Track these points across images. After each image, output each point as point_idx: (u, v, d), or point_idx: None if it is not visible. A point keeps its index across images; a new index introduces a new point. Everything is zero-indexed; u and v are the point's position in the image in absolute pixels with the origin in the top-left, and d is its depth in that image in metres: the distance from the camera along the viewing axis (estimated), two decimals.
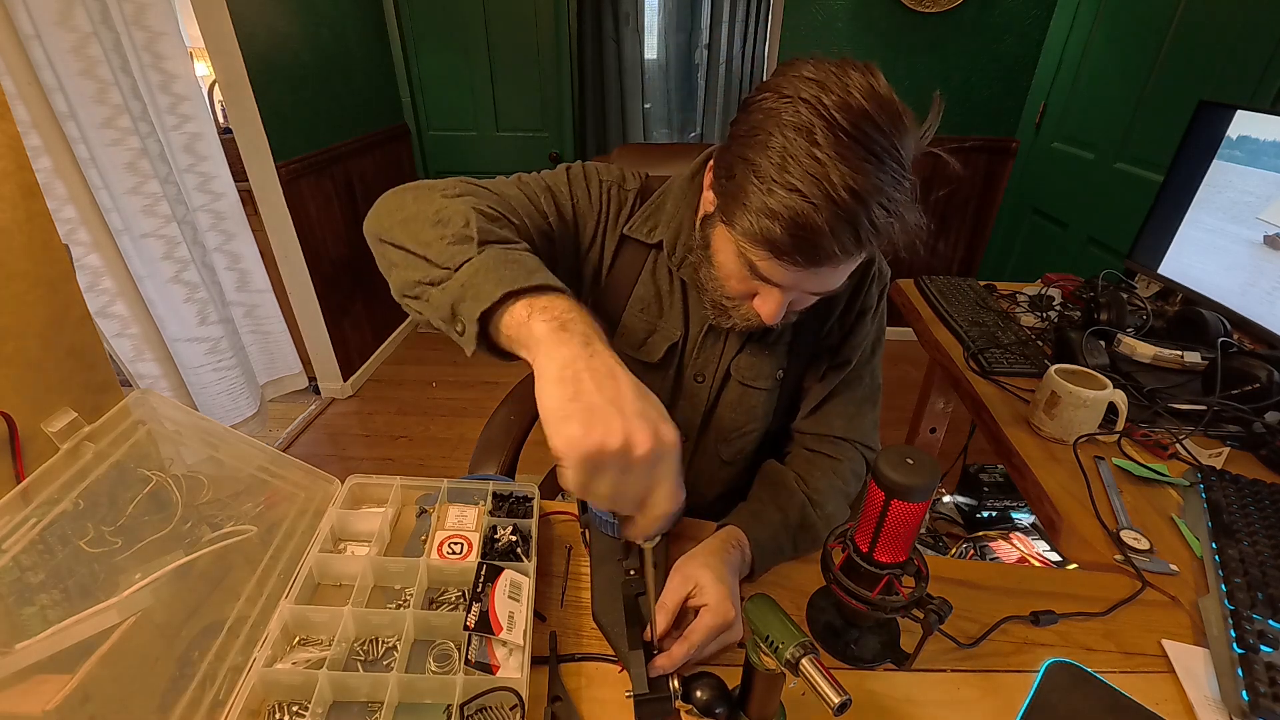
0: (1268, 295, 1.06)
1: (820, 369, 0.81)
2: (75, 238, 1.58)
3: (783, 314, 0.62)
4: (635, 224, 0.74)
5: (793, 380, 0.81)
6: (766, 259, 0.55)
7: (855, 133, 0.50)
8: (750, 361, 0.77)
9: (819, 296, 0.63)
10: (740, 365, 0.77)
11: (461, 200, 0.58)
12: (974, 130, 2.59)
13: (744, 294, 0.63)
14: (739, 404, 0.79)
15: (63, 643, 0.51)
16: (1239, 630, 0.61)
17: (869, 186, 0.50)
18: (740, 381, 0.78)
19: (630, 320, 0.77)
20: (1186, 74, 1.72)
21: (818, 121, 0.50)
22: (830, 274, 0.57)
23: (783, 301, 0.60)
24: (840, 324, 0.79)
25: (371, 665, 0.59)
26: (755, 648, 0.48)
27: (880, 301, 0.80)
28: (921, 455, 0.49)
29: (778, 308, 0.61)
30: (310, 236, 2.28)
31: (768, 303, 0.61)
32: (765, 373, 0.78)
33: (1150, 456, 0.89)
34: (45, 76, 1.42)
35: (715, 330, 0.76)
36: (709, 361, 0.77)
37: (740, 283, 0.62)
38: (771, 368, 0.78)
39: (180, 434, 0.70)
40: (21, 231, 0.72)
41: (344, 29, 2.45)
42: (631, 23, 2.72)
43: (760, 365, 0.77)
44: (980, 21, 2.40)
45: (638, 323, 0.77)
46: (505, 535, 0.69)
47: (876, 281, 0.78)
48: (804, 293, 0.61)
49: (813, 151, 0.50)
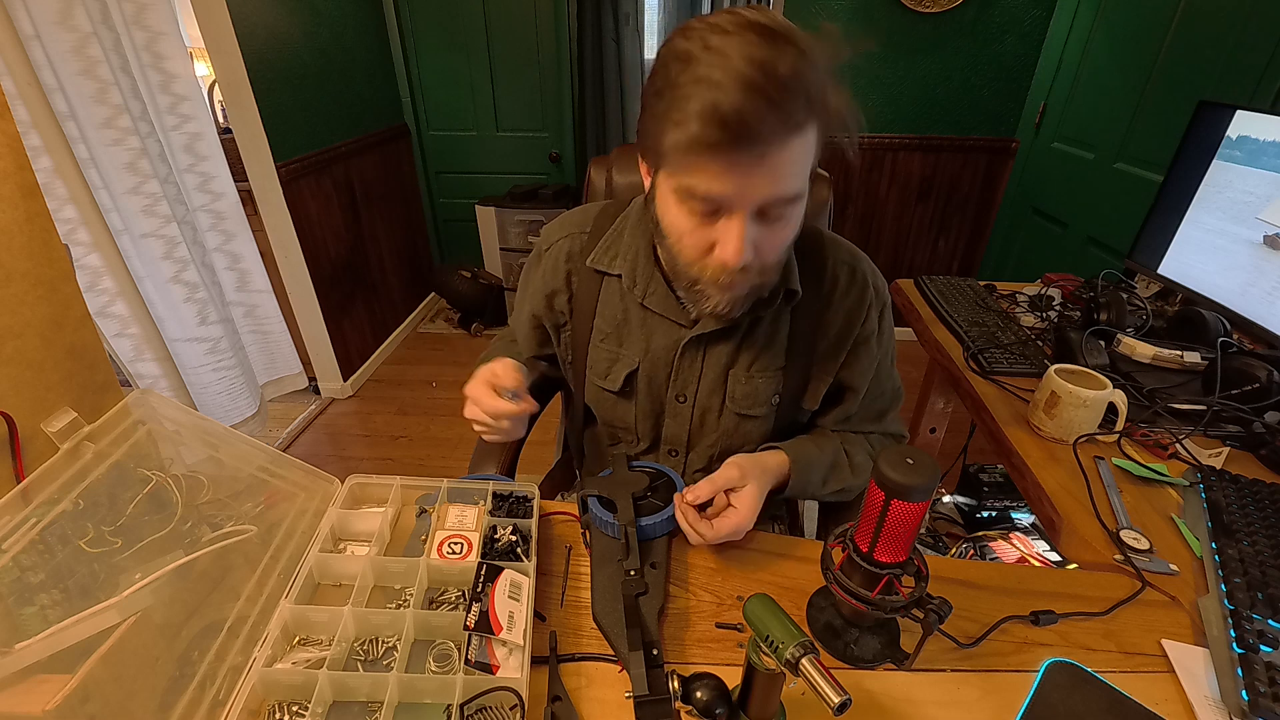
0: (1268, 295, 1.06)
1: (821, 393, 0.80)
2: (75, 238, 1.58)
3: (750, 251, 0.57)
4: (597, 255, 0.77)
5: (789, 402, 0.80)
6: (701, 167, 0.53)
7: (746, 24, 0.51)
8: (745, 391, 0.77)
9: (778, 213, 0.58)
10: (735, 396, 0.77)
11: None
12: (974, 130, 2.59)
13: (703, 247, 0.60)
14: (735, 431, 0.80)
15: (63, 643, 0.51)
16: (1239, 630, 0.61)
17: (770, 55, 0.50)
18: (737, 413, 0.78)
19: (594, 351, 0.81)
20: (1186, 74, 1.72)
21: (708, 33, 0.52)
22: (773, 166, 0.53)
23: (742, 230, 0.56)
24: (836, 347, 0.78)
25: (371, 665, 0.59)
26: (755, 648, 0.48)
27: (882, 322, 0.79)
28: (921, 455, 0.49)
29: (739, 238, 0.56)
30: (310, 236, 2.28)
31: (728, 237, 0.57)
32: (761, 400, 0.78)
33: (1150, 456, 0.89)
34: (45, 76, 1.42)
35: (692, 349, 0.76)
36: (689, 381, 0.78)
37: (694, 233, 0.59)
38: (767, 394, 0.78)
39: (180, 434, 0.70)
40: (21, 231, 0.72)
41: (344, 29, 2.45)
42: (631, 23, 2.72)
43: (756, 394, 0.77)
44: (980, 21, 2.41)
45: (599, 353, 0.81)
46: (505, 535, 0.69)
47: (874, 305, 0.77)
48: (757, 203, 0.56)
49: (707, 47, 0.51)
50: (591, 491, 0.73)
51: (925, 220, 2.83)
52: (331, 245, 2.44)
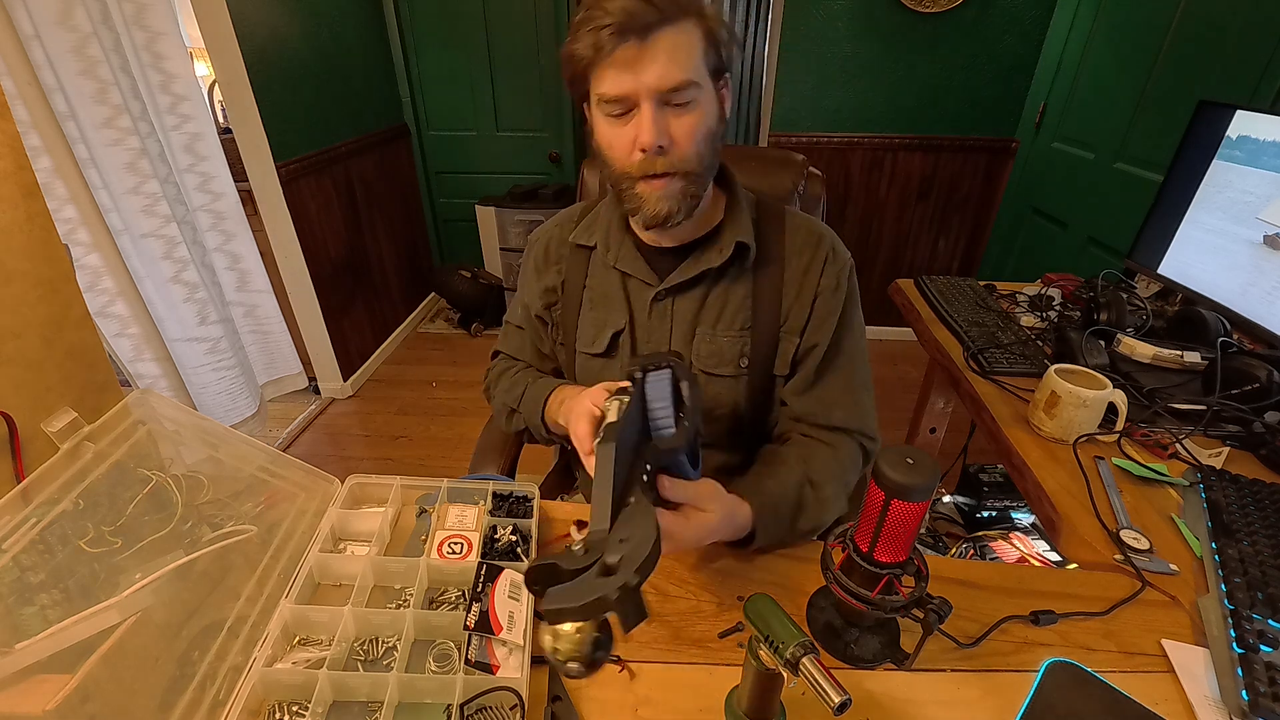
0: (1268, 295, 1.06)
1: (790, 355, 0.80)
2: (75, 238, 1.58)
3: (662, 134, 0.65)
4: (578, 233, 0.85)
5: (760, 369, 0.80)
6: (603, 74, 0.64)
7: None
8: (710, 349, 0.80)
9: (680, 99, 0.66)
10: (701, 354, 0.80)
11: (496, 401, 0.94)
12: (974, 130, 2.59)
13: (628, 146, 0.68)
14: (704, 392, 0.81)
15: (63, 643, 0.51)
16: (1239, 630, 0.61)
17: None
18: (704, 371, 0.80)
19: (583, 322, 0.85)
20: (1186, 74, 1.72)
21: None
22: (657, 55, 0.63)
23: (650, 115, 0.65)
24: (799, 307, 0.79)
25: (371, 665, 0.59)
26: (755, 648, 0.48)
27: (841, 284, 0.80)
28: (921, 455, 0.49)
29: (649, 120, 0.65)
30: (310, 236, 2.28)
31: (642, 126, 0.65)
32: (727, 359, 0.79)
33: (1150, 456, 0.89)
34: (45, 76, 1.42)
35: (659, 310, 0.80)
36: (660, 341, 0.81)
37: (619, 137, 0.68)
38: (733, 354, 0.79)
39: (180, 434, 0.70)
40: (21, 231, 0.72)
41: (344, 29, 2.45)
42: None
43: (721, 352, 0.79)
44: (980, 21, 2.41)
45: (588, 323, 0.85)
46: (505, 535, 0.69)
47: (830, 263, 0.79)
48: (654, 90, 0.64)
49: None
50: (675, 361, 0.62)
51: (925, 220, 2.83)
52: (331, 245, 2.44)
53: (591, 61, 0.65)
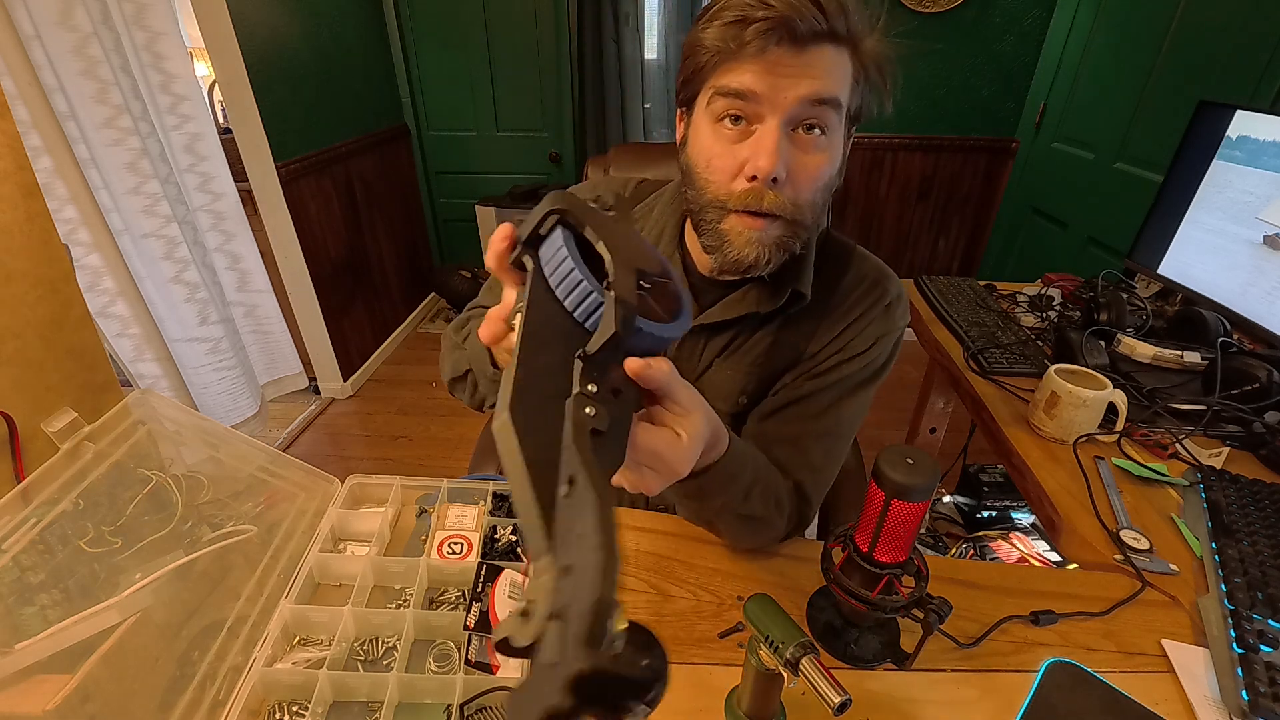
0: (1268, 295, 1.06)
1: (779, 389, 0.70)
2: (75, 238, 1.58)
3: (782, 167, 0.53)
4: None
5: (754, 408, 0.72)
6: (739, 62, 0.52)
7: None
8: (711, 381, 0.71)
9: (814, 119, 0.54)
10: (702, 384, 0.71)
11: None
12: (974, 130, 2.59)
13: (733, 169, 0.56)
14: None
15: (63, 643, 0.51)
16: (1239, 630, 0.61)
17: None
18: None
19: None
20: (1186, 74, 1.72)
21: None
22: (810, 64, 0.52)
23: (776, 136, 0.53)
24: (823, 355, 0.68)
25: (371, 665, 0.59)
26: (755, 648, 0.48)
27: (876, 357, 0.68)
28: (921, 455, 0.49)
29: (773, 142, 0.53)
30: (310, 236, 2.28)
31: (761, 147, 0.53)
32: (724, 394, 0.70)
33: (1150, 456, 0.89)
34: (46, 77, 1.42)
35: (690, 344, 0.71)
36: (689, 371, 0.71)
37: (725, 154, 0.56)
38: (733, 390, 0.70)
39: (180, 434, 0.70)
40: (21, 231, 0.72)
41: (344, 29, 2.45)
42: (631, 23, 2.72)
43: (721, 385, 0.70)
44: (980, 21, 2.40)
45: None
46: (505, 535, 0.69)
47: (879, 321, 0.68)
48: (792, 104, 0.53)
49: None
50: (561, 208, 0.38)
51: (925, 220, 2.83)
52: (331, 245, 2.44)
53: (726, 55, 0.53)
